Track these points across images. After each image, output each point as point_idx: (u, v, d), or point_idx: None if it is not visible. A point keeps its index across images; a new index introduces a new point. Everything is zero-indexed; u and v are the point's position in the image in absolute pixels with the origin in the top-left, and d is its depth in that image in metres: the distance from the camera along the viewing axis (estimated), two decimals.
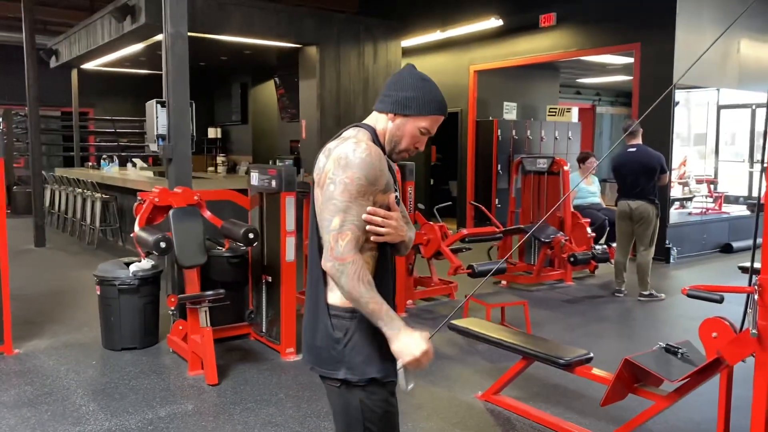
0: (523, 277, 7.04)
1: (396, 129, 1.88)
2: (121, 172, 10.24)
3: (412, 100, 1.86)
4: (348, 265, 1.72)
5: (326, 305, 1.86)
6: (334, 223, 1.74)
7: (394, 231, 1.84)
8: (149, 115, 4.73)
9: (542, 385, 4.05)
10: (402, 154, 1.93)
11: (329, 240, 1.74)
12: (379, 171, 1.79)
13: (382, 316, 1.74)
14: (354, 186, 1.74)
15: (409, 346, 1.73)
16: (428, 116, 1.87)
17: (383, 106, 1.91)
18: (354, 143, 1.79)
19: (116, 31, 8.60)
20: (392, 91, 1.90)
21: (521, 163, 7.54)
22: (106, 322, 4.70)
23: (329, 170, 1.78)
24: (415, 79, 1.89)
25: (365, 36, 9.59)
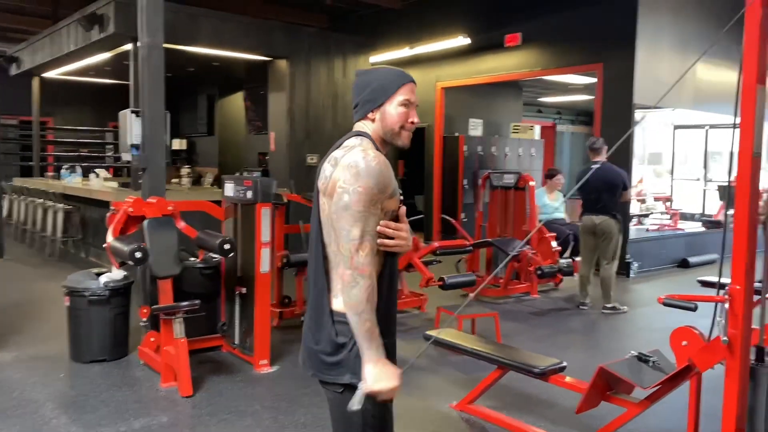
0: (491, 290, 7.15)
1: (381, 121, 1.93)
2: (84, 183, 10.04)
3: (375, 90, 1.93)
4: (365, 278, 1.77)
5: (331, 312, 1.89)
6: (354, 233, 1.78)
7: (404, 242, 1.90)
8: (122, 125, 4.69)
9: (515, 395, 4.13)
10: (403, 134, 1.95)
11: (349, 249, 1.77)
12: (388, 178, 1.84)
13: (374, 338, 1.80)
14: (367, 195, 1.78)
15: (385, 377, 1.80)
16: (398, 90, 1.92)
17: (359, 114, 1.98)
18: (362, 152, 1.83)
19: (83, 40, 8.49)
20: (357, 97, 1.97)
21: (489, 178, 7.68)
22: (75, 333, 4.62)
23: (339, 179, 1.81)
24: (367, 75, 1.97)
25: (335, 51, 9.66)
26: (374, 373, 1.79)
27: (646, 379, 2.90)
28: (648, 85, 8.36)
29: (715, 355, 2.48)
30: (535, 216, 7.32)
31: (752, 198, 2.30)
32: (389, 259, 1.92)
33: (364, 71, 1.99)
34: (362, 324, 1.78)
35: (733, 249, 2.36)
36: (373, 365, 1.79)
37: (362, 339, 1.80)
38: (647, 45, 8.35)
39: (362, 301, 1.77)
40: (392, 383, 1.81)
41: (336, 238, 1.84)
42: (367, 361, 1.80)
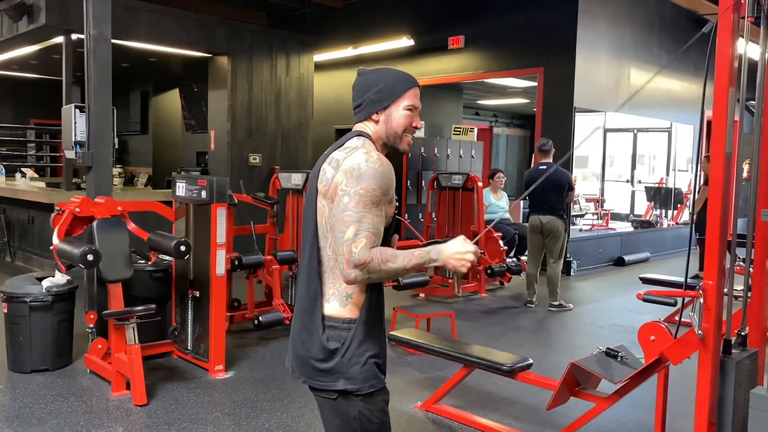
0: (440, 290, 7.20)
1: (385, 125, 1.89)
2: (8, 183, 9.48)
3: (381, 92, 1.88)
4: (370, 265, 1.70)
5: (323, 317, 1.83)
6: (348, 233, 1.72)
7: None
8: (66, 121, 4.44)
9: (477, 393, 4.16)
10: (405, 140, 1.93)
11: (344, 251, 1.71)
12: (391, 180, 1.80)
13: (423, 261, 1.77)
14: (368, 197, 1.74)
15: (459, 253, 1.77)
16: (404, 94, 1.89)
17: (362, 114, 1.93)
18: (365, 153, 1.78)
19: (8, 31, 8.02)
20: (360, 97, 1.92)
21: (437, 179, 7.74)
22: (14, 342, 4.33)
23: (340, 182, 1.77)
24: (371, 75, 1.92)
25: (278, 48, 9.51)
26: (452, 263, 1.77)
27: (616, 374, 2.97)
28: (587, 88, 8.64)
29: (687, 348, 2.56)
30: (483, 216, 7.43)
31: (724, 197, 2.39)
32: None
33: (368, 70, 1.94)
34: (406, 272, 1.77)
35: (706, 246, 2.44)
36: (444, 260, 1.77)
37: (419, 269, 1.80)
38: (586, 50, 8.62)
39: (386, 272, 1.73)
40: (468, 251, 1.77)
41: (333, 242, 1.79)
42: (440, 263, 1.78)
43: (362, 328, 1.84)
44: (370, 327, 1.87)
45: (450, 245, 1.79)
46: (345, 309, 1.84)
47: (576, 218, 11.15)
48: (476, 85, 12.01)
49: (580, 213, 11.61)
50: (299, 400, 3.96)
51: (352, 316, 1.84)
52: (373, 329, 1.89)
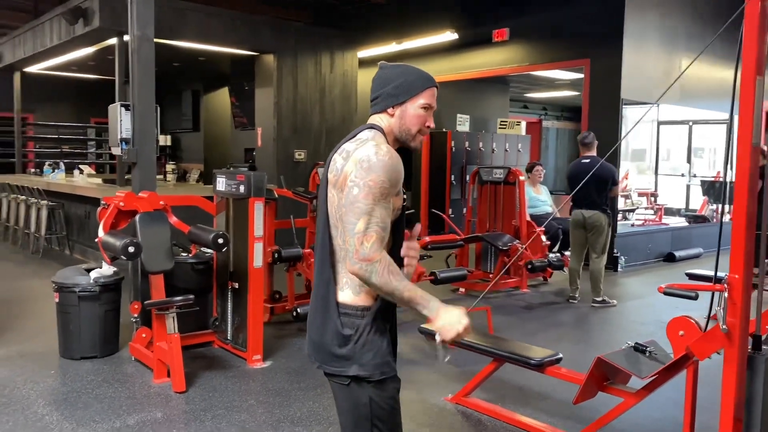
0: (481, 285, 7.17)
1: (399, 120, 1.92)
2: (67, 179, 9.92)
3: (400, 87, 1.91)
4: (376, 264, 1.75)
5: (336, 304, 1.88)
6: (359, 226, 1.76)
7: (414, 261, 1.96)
8: (112, 119, 4.64)
9: (509, 388, 4.15)
10: (418, 138, 1.96)
11: (354, 243, 1.75)
12: (399, 173, 1.83)
13: (420, 301, 1.79)
14: (378, 189, 1.77)
15: (452, 322, 1.78)
16: (422, 92, 1.91)
17: (378, 107, 1.96)
18: (375, 146, 1.82)
19: (66, 34, 8.38)
20: (379, 90, 1.94)
21: (478, 173, 7.70)
22: (65, 330, 4.56)
23: (350, 172, 1.80)
24: (392, 70, 1.95)
25: (322, 46, 9.63)
26: (442, 324, 1.79)
27: (643, 369, 2.93)
28: (635, 80, 8.43)
29: (714, 343, 2.50)
30: (525, 210, 7.36)
31: (751, 188, 2.32)
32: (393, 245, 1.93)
33: (389, 65, 1.97)
34: (402, 297, 1.78)
35: (731, 239, 2.38)
36: (437, 319, 1.79)
37: (412, 307, 1.80)
38: (634, 40, 8.40)
39: (386, 283, 1.76)
40: (462, 323, 1.79)
41: (343, 232, 1.83)
42: (430, 320, 1.81)
43: (375, 315, 1.88)
44: (383, 315, 1.91)
45: (448, 314, 1.80)
46: (358, 297, 1.88)
47: (628, 213, 10.89)
48: (522, 78, 11.88)
49: (632, 207, 11.32)
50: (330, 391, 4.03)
51: (366, 303, 1.88)
52: (387, 317, 1.93)
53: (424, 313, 1.81)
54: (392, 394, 1.94)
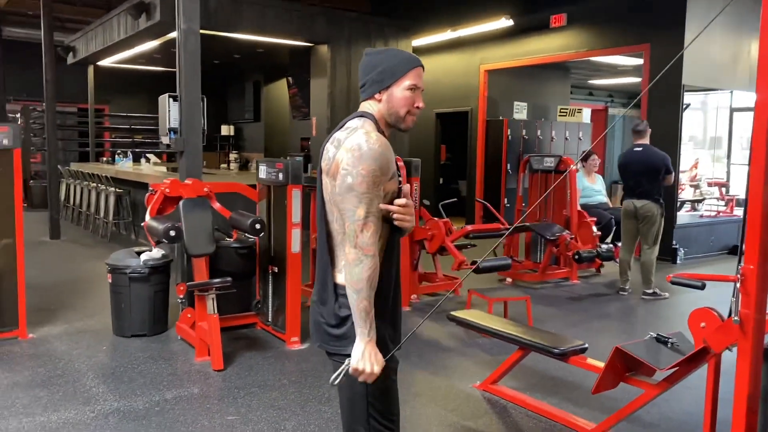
0: (528, 275, 7.11)
1: (387, 103, 1.96)
2: (134, 167, 10.42)
3: (384, 72, 1.94)
4: (368, 258, 1.82)
5: (335, 285, 1.95)
6: (359, 213, 1.83)
7: (411, 219, 1.96)
8: (162, 109, 4.87)
9: (540, 377, 4.13)
10: (407, 120, 1.99)
11: (354, 229, 1.83)
12: (390, 161, 1.88)
13: (368, 318, 1.85)
14: (370, 177, 1.82)
15: (371, 358, 1.86)
16: (406, 74, 1.94)
17: (366, 93, 2.00)
18: (365, 134, 1.86)
19: (131, 28, 8.77)
20: (365, 77, 1.98)
21: (529, 161, 7.60)
22: (117, 309, 4.84)
23: (342, 161, 1.86)
24: (375, 56, 1.98)
25: (376, 35, 9.69)
26: (359, 352, 1.86)
27: (663, 361, 2.87)
28: (698, 66, 8.09)
29: (729, 335, 2.43)
30: (576, 200, 7.22)
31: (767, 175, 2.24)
32: (391, 239, 1.97)
33: (373, 51, 2.01)
34: (359, 302, 1.83)
35: (746, 228, 2.30)
36: (363, 346, 1.86)
37: (357, 317, 1.85)
38: (697, 24, 8.05)
39: (363, 279, 1.82)
40: (372, 368, 1.86)
41: (342, 218, 1.89)
42: (357, 339, 1.87)
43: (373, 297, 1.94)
44: (381, 296, 1.96)
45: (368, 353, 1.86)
46: None
47: (697, 203, 10.46)
48: (583, 64, 11.57)
49: (700, 198, 10.86)
50: None
51: None
52: (385, 298, 1.98)
53: (358, 331, 1.86)
54: (387, 373, 1.99)
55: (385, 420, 2.02)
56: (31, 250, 8.47)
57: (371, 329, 1.86)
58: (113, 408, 3.55)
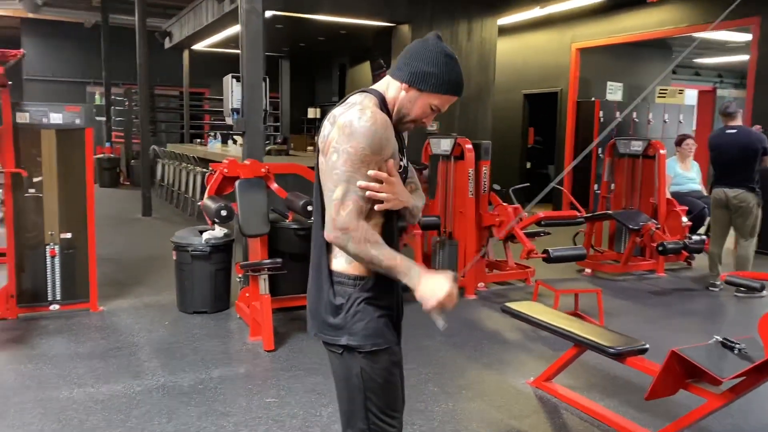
0: (610, 266, 6.69)
1: (407, 101, 1.81)
2: (222, 148, 10.72)
3: (430, 76, 1.77)
4: (351, 232, 1.70)
5: (329, 272, 1.83)
6: (337, 193, 1.71)
7: (394, 197, 1.79)
8: (225, 90, 4.91)
9: (601, 376, 3.84)
10: (408, 126, 1.87)
11: (331, 210, 1.71)
12: (384, 140, 1.73)
13: (400, 269, 1.72)
14: (358, 156, 1.69)
15: (433, 290, 1.71)
16: (442, 95, 1.80)
17: (400, 74, 1.82)
18: (359, 110, 1.73)
19: (218, 12, 8.97)
20: (412, 60, 1.80)
21: (614, 145, 7.13)
22: (181, 286, 4.96)
23: (333, 138, 1.73)
24: (438, 54, 1.79)
25: (460, 14, 9.38)
26: (423, 292, 1.72)
27: (726, 368, 2.54)
28: None
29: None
30: (665, 187, 6.70)
31: None
32: (387, 217, 1.83)
33: (442, 48, 1.81)
34: (381, 266, 1.72)
35: None
36: (419, 288, 1.72)
37: (393, 275, 1.74)
38: None
39: (363, 250, 1.70)
40: (443, 290, 1.71)
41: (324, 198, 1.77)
42: (413, 289, 1.73)
43: (369, 285, 1.82)
44: (379, 286, 1.83)
45: (429, 282, 1.71)
46: (351, 266, 1.82)
47: None
48: (686, 41, 10.73)
49: None
50: (412, 362, 4.01)
51: (360, 273, 1.81)
52: (383, 288, 1.85)
53: (405, 281, 1.72)
54: (385, 365, 1.86)
55: (385, 415, 1.88)
56: (122, 226, 8.95)
57: (413, 269, 1.73)
58: (159, 383, 3.62)
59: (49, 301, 4.77)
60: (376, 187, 1.73)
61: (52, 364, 3.86)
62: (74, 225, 4.79)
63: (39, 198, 4.66)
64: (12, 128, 4.50)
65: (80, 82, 17.01)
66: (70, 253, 4.79)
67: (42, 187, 4.66)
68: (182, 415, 3.24)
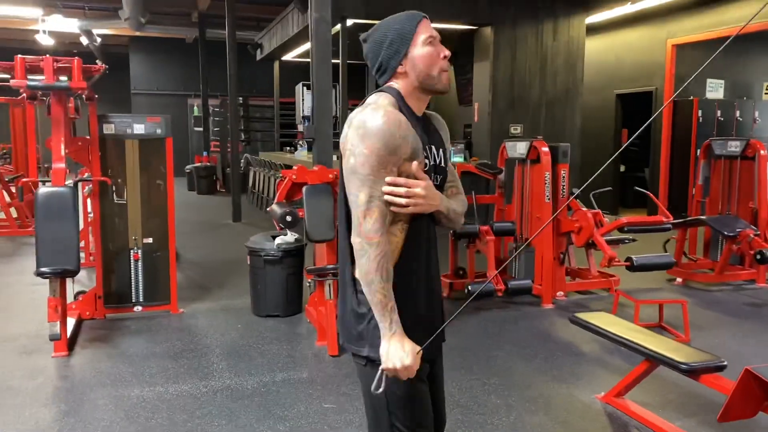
0: (703, 275, 6.25)
1: (413, 70, 1.74)
2: (308, 156, 10.94)
3: (393, 41, 1.73)
4: (373, 247, 1.64)
5: (353, 280, 1.79)
6: (361, 198, 1.66)
7: (423, 200, 1.72)
8: (297, 98, 4.98)
9: (679, 393, 3.57)
10: (443, 77, 1.76)
11: (358, 216, 1.67)
12: (399, 138, 1.67)
13: (385, 311, 1.66)
14: (374, 157, 1.64)
15: (396, 354, 1.65)
16: (416, 31, 1.73)
17: (388, 73, 1.78)
18: (372, 110, 1.68)
19: (301, 23, 9.18)
20: (376, 59, 1.78)
21: (709, 146, 6.66)
22: (254, 290, 5.08)
23: (349, 140, 1.70)
24: (376, 34, 1.77)
25: (545, 13, 9.13)
26: (386, 350, 1.66)
27: None
28: None
29: None
30: (767, 190, 6.18)
31: None
32: (412, 223, 1.76)
33: (369, 32, 1.81)
34: (372, 296, 1.66)
35: None
36: (386, 342, 1.66)
37: (375, 311, 1.67)
38: None
39: (371, 271, 1.64)
40: (403, 361, 1.64)
41: (348, 203, 1.73)
42: (382, 336, 1.68)
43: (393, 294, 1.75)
44: (403, 295, 1.76)
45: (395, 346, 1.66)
46: None
47: None
48: None
49: None
50: (477, 372, 3.90)
51: None
52: (407, 297, 1.78)
53: (380, 326, 1.67)
54: (410, 381, 1.79)
55: (412, 430, 1.81)
56: (211, 231, 9.33)
57: (393, 323, 1.66)
58: (225, 385, 3.71)
59: (133, 302, 5.02)
60: (398, 191, 1.68)
61: (129, 363, 4.05)
62: (156, 230, 5.03)
63: (123, 204, 4.92)
64: (99, 139, 4.78)
65: (182, 94, 18.01)
66: (151, 257, 5.03)
67: (126, 194, 4.92)
68: (241, 417, 3.30)
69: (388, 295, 1.66)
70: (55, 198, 4.14)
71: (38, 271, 4.02)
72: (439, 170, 1.85)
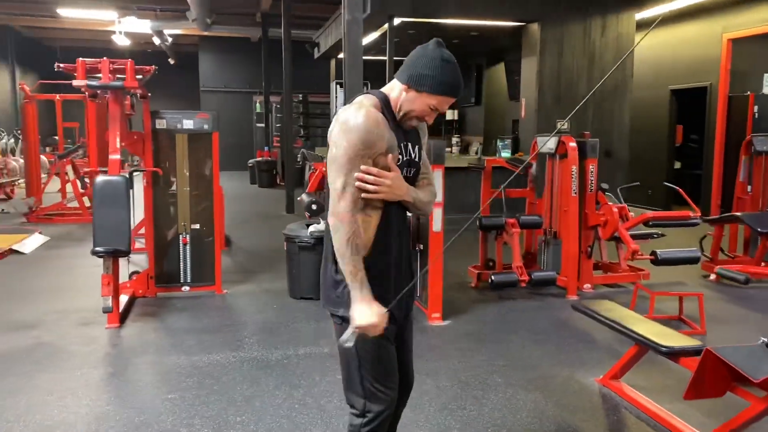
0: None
1: (407, 101, 2.02)
2: None
3: (427, 78, 1.97)
4: (344, 225, 1.94)
5: (332, 253, 2.10)
6: (338, 184, 1.96)
7: (388, 189, 2.01)
8: (331, 95, 5.30)
9: (678, 379, 3.68)
10: (411, 122, 2.07)
11: (334, 198, 1.97)
12: (375, 135, 1.95)
13: (355, 280, 1.95)
14: (352, 150, 1.93)
15: (364, 314, 1.94)
16: (439, 95, 1.99)
17: (402, 76, 2.06)
18: (356, 109, 1.98)
19: None
20: (412, 64, 2.02)
21: (750, 142, 6.59)
22: (290, 274, 5.46)
23: (334, 134, 2.00)
24: (434, 59, 1.98)
25: (594, 9, 9.13)
26: (357, 311, 1.96)
27: (762, 370, 2.42)
28: None
29: None
30: None
31: None
32: (385, 208, 2.04)
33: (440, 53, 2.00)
34: (345, 266, 1.95)
35: None
36: (356, 305, 1.96)
37: (348, 280, 1.97)
38: None
39: (343, 245, 1.94)
40: (370, 320, 1.94)
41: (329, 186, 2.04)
42: (352, 300, 1.97)
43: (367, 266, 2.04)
44: (375, 266, 2.06)
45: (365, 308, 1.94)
46: None
47: None
48: None
49: None
50: (484, 354, 4.13)
51: None
52: (378, 268, 2.07)
53: (352, 293, 1.95)
54: (375, 339, 2.08)
55: (379, 383, 2.11)
56: (265, 221, 9.84)
57: (363, 289, 1.95)
58: (252, 356, 4.08)
59: (181, 283, 5.49)
60: (368, 179, 1.97)
61: (171, 335, 4.49)
62: (202, 217, 5.47)
63: (173, 193, 5.39)
64: (152, 133, 5.26)
65: (248, 92, 18.75)
66: (199, 242, 5.48)
67: (176, 184, 5.39)
68: (262, 383, 3.66)
69: (357, 266, 1.95)
70: (110, 186, 4.63)
71: (94, 251, 4.51)
72: (412, 164, 2.13)
